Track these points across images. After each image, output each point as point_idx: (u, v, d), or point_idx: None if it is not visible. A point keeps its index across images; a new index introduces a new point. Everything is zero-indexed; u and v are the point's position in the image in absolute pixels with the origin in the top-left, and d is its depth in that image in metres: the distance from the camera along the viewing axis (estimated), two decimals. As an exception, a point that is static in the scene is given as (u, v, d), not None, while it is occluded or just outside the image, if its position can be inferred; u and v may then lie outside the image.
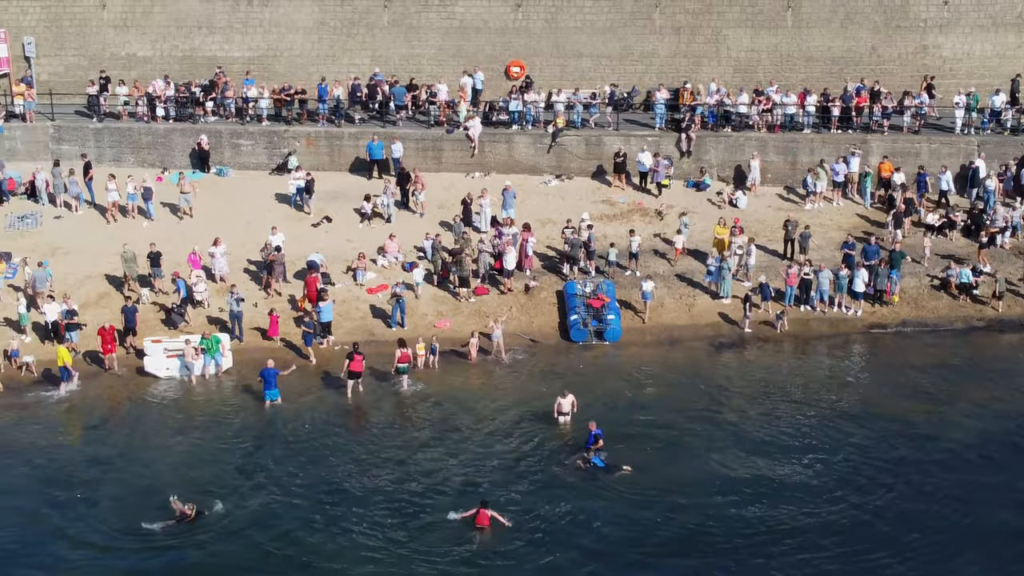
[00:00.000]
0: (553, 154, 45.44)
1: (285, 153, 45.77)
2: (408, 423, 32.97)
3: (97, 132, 46.14)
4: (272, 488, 29.71)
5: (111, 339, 34.98)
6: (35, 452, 31.51)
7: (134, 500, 29.35)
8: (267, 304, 38.05)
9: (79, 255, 40.15)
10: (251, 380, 35.20)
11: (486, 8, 47.53)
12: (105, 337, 34.87)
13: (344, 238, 41.56)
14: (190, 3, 47.82)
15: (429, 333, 36.91)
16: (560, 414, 32.11)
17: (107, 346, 34.93)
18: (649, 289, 37.30)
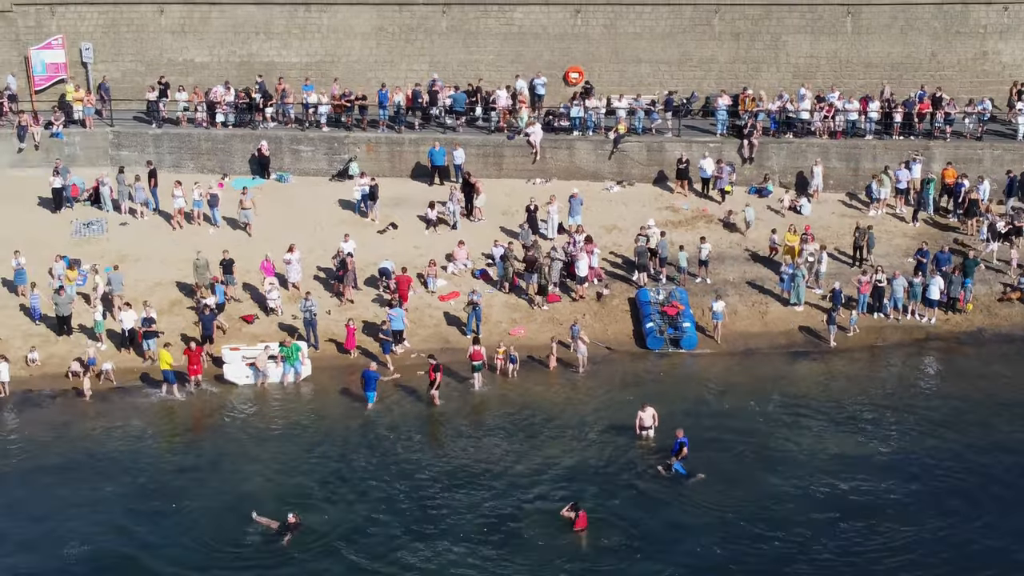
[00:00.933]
0: (614, 160, 45.36)
1: (345, 159, 45.69)
2: (491, 433, 32.86)
3: (156, 138, 46.05)
4: (361, 501, 29.69)
5: (197, 360, 34.39)
6: (124, 461, 31.48)
7: (225, 510, 29.35)
8: (340, 312, 37.99)
9: (147, 262, 40.04)
10: (330, 388, 35.26)
11: (545, 14, 47.44)
12: (192, 357, 34.31)
13: (411, 245, 41.45)
14: (248, 9, 47.71)
15: (504, 341, 36.83)
16: (642, 428, 31.97)
17: (193, 366, 34.33)
18: (720, 309, 36.98)
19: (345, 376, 35.75)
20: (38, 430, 33.05)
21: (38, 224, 42.34)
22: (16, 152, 45.77)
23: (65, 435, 32.83)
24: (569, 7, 47.32)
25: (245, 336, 37.07)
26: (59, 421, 33.51)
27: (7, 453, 31.86)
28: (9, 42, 47.66)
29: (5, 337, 36.56)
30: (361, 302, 38.68)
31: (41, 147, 45.81)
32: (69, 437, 32.73)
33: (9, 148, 45.80)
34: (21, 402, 34.44)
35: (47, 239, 40.73)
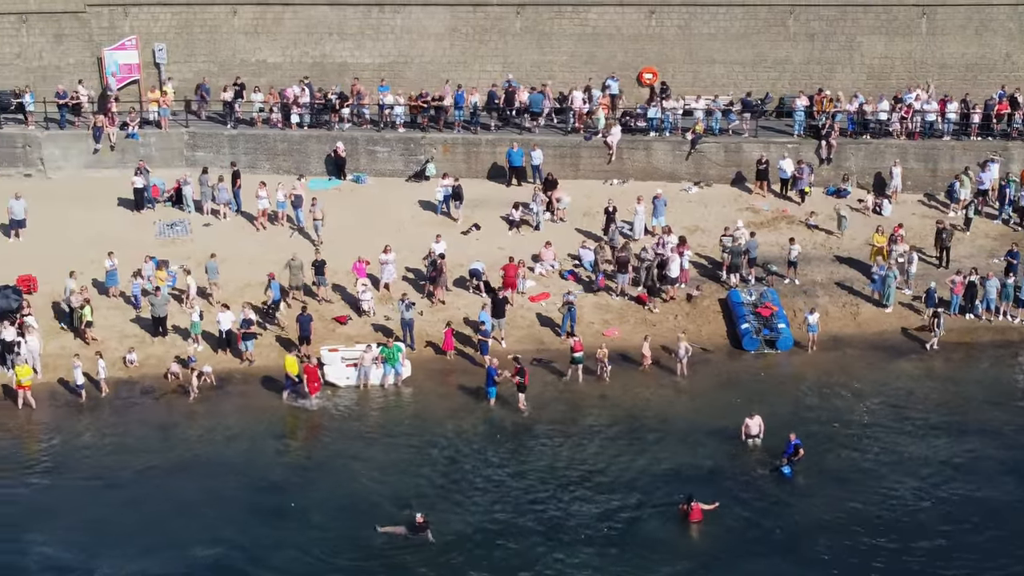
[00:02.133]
0: (692, 161, 45.33)
1: (422, 160, 45.65)
2: (597, 435, 32.84)
3: (232, 139, 46.01)
4: (476, 504, 29.70)
5: (316, 376, 33.91)
6: (234, 462, 31.46)
7: (342, 511, 29.33)
8: (432, 312, 37.96)
9: (235, 263, 39.90)
10: (430, 390, 35.24)
11: (619, 15, 47.40)
12: (311, 375, 33.84)
13: (495, 246, 41.36)
14: (321, 10, 47.66)
15: (598, 341, 36.79)
16: (748, 436, 31.89)
17: (313, 384, 33.87)
18: (815, 321, 36.82)
19: (443, 377, 35.76)
20: (144, 431, 33.02)
21: (120, 225, 42.29)
22: (92, 153, 45.71)
23: (172, 436, 32.80)
24: (643, 8, 47.28)
25: (339, 337, 37.01)
26: (164, 422, 33.46)
27: (117, 454, 31.80)
28: (83, 43, 47.58)
29: (101, 338, 36.45)
30: (452, 303, 38.62)
31: (116, 148, 45.75)
32: (176, 438, 32.71)
33: (85, 149, 45.76)
34: (123, 402, 34.38)
35: (131, 240, 40.64)
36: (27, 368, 34.12)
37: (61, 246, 40.49)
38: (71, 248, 40.33)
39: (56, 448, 32.17)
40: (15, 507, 29.48)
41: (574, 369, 35.29)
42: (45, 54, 47.59)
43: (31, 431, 33.04)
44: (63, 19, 47.48)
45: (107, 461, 31.52)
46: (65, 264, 39.17)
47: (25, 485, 30.42)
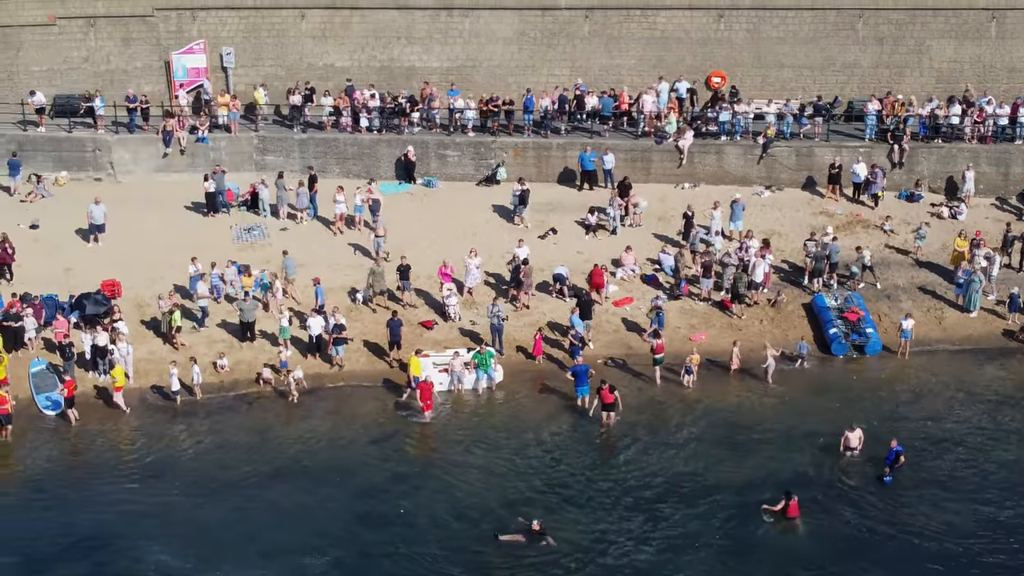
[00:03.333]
0: (763, 165, 45.26)
1: (492, 164, 45.61)
2: (694, 440, 32.78)
3: (302, 143, 45.96)
4: (581, 509, 29.68)
5: (429, 395, 33.22)
6: (336, 467, 31.41)
7: (450, 518, 29.27)
8: (517, 317, 37.91)
9: (315, 268, 39.78)
10: (522, 394, 35.21)
11: (688, 18, 47.36)
12: (425, 392, 33.18)
13: (573, 250, 41.32)
14: (390, 14, 47.61)
15: (686, 346, 36.76)
16: (847, 448, 31.73)
17: (427, 402, 33.20)
18: (909, 328, 36.61)
19: (534, 382, 35.69)
20: (242, 436, 32.95)
21: (195, 229, 42.22)
22: (161, 157, 45.67)
23: (270, 441, 32.74)
24: (712, 12, 47.23)
25: (426, 342, 36.93)
26: (260, 427, 33.42)
27: (218, 460, 31.75)
28: (150, 47, 47.57)
29: (189, 343, 36.40)
30: (537, 308, 38.55)
31: (186, 152, 45.71)
32: (274, 443, 32.65)
33: (155, 153, 45.72)
34: (218, 408, 34.33)
35: (208, 244, 40.48)
36: (120, 369, 34.07)
37: (139, 251, 40.50)
38: (149, 252, 40.39)
39: (157, 455, 32.09)
40: (125, 514, 29.41)
41: (654, 371, 35.29)
42: (113, 58, 47.58)
43: (131, 438, 32.99)
44: (131, 23, 47.47)
45: (209, 467, 31.46)
46: (145, 269, 39.36)
47: (131, 492, 30.39)
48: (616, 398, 32.66)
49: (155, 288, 38.44)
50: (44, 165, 45.61)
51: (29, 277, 38.67)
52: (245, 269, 38.67)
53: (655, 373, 35.41)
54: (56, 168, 45.59)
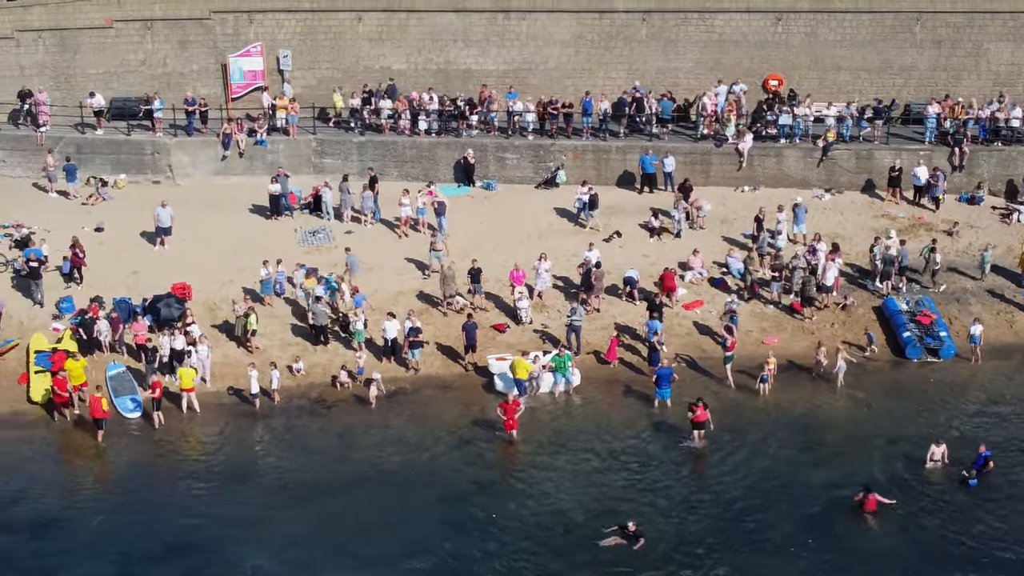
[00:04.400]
0: (823, 168, 45.25)
1: (551, 167, 45.58)
2: (769, 440, 32.77)
3: (360, 146, 45.94)
4: (668, 513, 29.62)
5: (514, 414, 32.29)
6: (419, 472, 31.35)
7: (542, 521, 29.22)
8: (588, 320, 37.86)
9: (382, 271, 39.86)
10: (600, 398, 35.14)
11: (746, 21, 47.33)
12: (508, 411, 32.37)
13: (639, 253, 41.28)
14: (447, 16, 47.58)
15: (759, 350, 36.77)
16: (931, 460, 31.54)
17: (509, 421, 32.30)
18: (978, 333, 36.53)
19: (610, 386, 35.65)
20: (324, 441, 32.90)
21: (260, 232, 42.20)
22: (220, 160, 45.66)
23: (352, 445, 32.66)
24: (770, 15, 47.21)
25: (500, 345, 36.91)
26: (341, 431, 33.34)
27: (302, 465, 31.66)
28: (207, 49, 47.54)
29: (263, 347, 36.38)
30: (607, 311, 38.53)
31: (245, 155, 45.70)
32: (357, 447, 32.56)
33: (213, 156, 45.72)
34: (297, 412, 34.29)
35: (274, 247, 40.18)
36: (191, 371, 34.04)
37: (206, 253, 40.49)
38: (216, 255, 40.38)
39: (240, 459, 32.06)
40: (214, 518, 29.33)
41: (725, 370, 35.28)
42: (169, 60, 47.55)
43: (213, 441, 32.97)
44: (188, 26, 47.44)
45: (293, 472, 31.37)
46: (213, 272, 39.33)
47: (218, 496, 30.32)
48: (708, 417, 32.25)
49: (225, 291, 38.45)
50: (102, 168, 45.60)
51: (97, 280, 38.67)
52: (313, 272, 38.60)
53: (726, 372, 35.35)
54: (114, 171, 45.59)
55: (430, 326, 37.42)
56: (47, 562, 27.81)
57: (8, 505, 30.00)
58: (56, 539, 28.66)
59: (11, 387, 34.65)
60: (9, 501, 30.14)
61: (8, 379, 34.86)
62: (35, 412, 33.95)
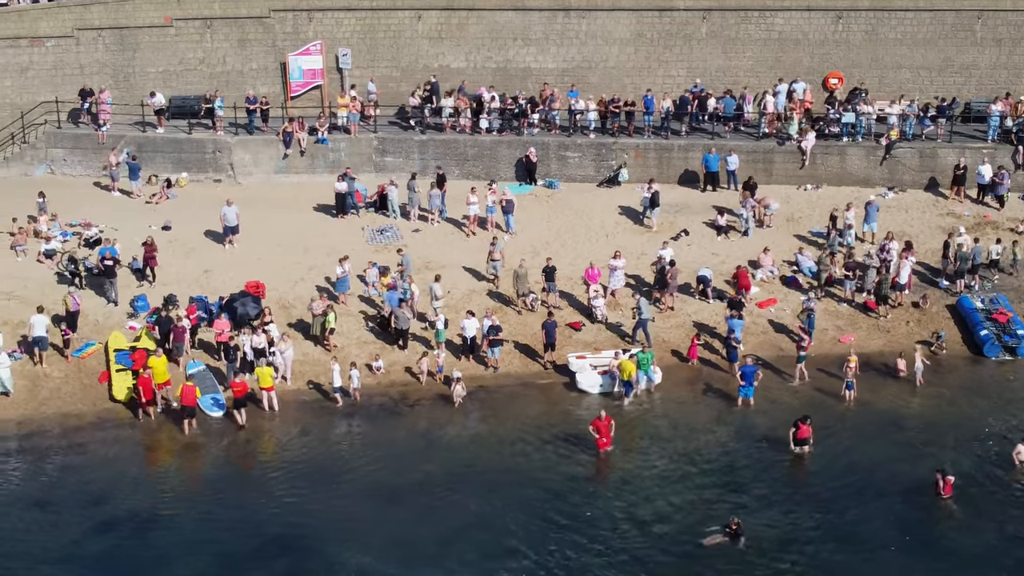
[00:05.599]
0: (885, 166, 45.18)
1: (613, 165, 45.54)
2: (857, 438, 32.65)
3: (422, 144, 45.90)
4: (763, 509, 29.45)
5: (607, 431, 31.55)
6: (514, 470, 31.20)
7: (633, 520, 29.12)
8: (664, 319, 37.84)
9: (452, 269, 39.77)
10: (683, 396, 35.01)
11: (806, 20, 47.29)
12: (602, 429, 31.59)
13: (708, 252, 41.23)
14: (507, 15, 47.55)
15: (836, 348, 36.71)
16: (1020, 460, 31.49)
17: (603, 439, 31.49)
18: None
19: (691, 384, 35.57)
20: (410, 439, 32.71)
21: (327, 230, 42.18)
22: (281, 158, 45.62)
23: (439, 444, 32.50)
24: (830, 13, 47.17)
25: (576, 344, 36.83)
26: (426, 430, 33.20)
27: (391, 464, 31.46)
28: (266, 48, 47.54)
29: (340, 344, 36.32)
30: (681, 309, 38.46)
31: (306, 153, 45.65)
32: (444, 446, 32.38)
33: (275, 154, 45.69)
34: (380, 411, 34.19)
35: (342, 245, 40.30)
36: (269, 369, 33.97)
37: (275, 252, 40.50)
38: (286, 254, 40.40)
39: (327, 457, 31.93)
40: (307, 515, 29.12)
41: (799, 368, 35.19)
42: (229, 59, 47.54)
43: (297, 439, 32.82)
44: (247, 24, 47.43)
45: (381, 471, 31.17)
46: (284, 270, 39.32)
47: (308, 493, 30.10)
48: (811, 432, 31.73)
49: (297, 290, 38.42)
50: (163, 167, 45.60)
51: (169, 279, 38.65)
52: (385, 271, 38.56)
53: (799, 370, 35.23)
54: (175, 170, 45.59)
55: (505, 325, 37.24)
56: (147, 560, 27.68)
57: (100, 503, 29.84)
58: (154, 537, 28.54)
59: (92, 386, 34.57)
60: (100, 499, 29.99)
61: (89, 378, 34.77)
62: (118, 410, 33.82)
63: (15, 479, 30.84)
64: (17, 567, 27.38)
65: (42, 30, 46.31)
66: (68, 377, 34.78)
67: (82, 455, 31.89)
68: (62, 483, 30.64)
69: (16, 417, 33.32)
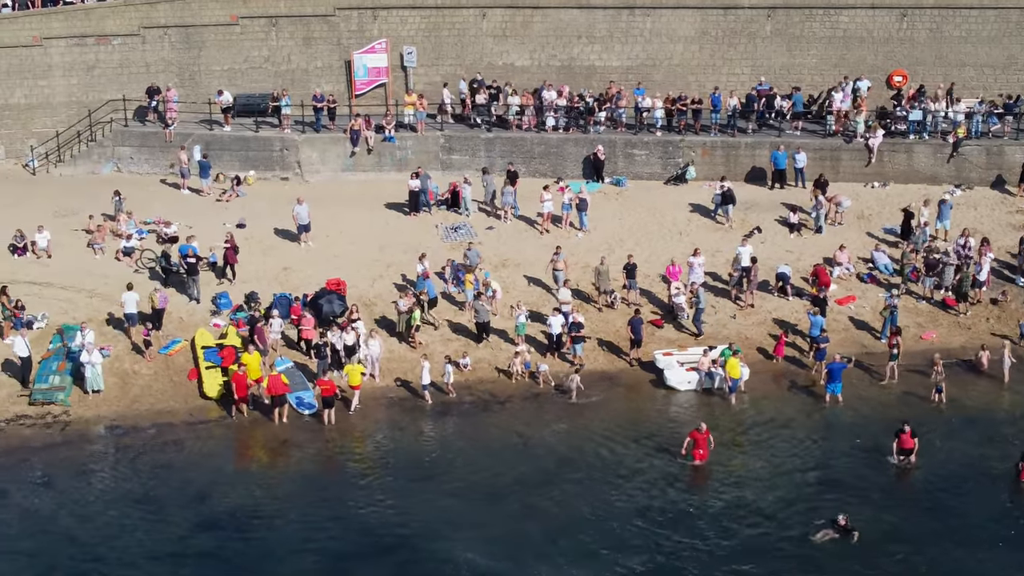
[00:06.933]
0: (952, 164, 45.22)
1: (679, 163, 45.59)
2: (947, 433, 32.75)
3: (488, 142, 45.96)
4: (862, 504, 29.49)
5: (705, 444, 31.04)
6: (612, 468, 31.22)
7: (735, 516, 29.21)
8: (744, 316, 37.92)
9: (529, 267, 39.82)
10: (770, 393, 35.00)
11: (871, 18, 47.35)
12: (700, 441, 31.06)
13: (782, 249, 41.28)
14: (571, 13, 47.62)
15: (918, 345, 36.78)
16: None
17: (701, 451, 30.99)
18: None
19: (776, 381, 35.61)
20: (504, 436, 32.76)
21: (401, 228, 42.23)
22: (349, 156, 45.68)
23: (533, 441, 32.51)
24: (895, 11, 47.23)
25: (659, 341, 36.89)
26: (518, 426, 33.22)
27: (488, 460, 31.51)
28: (331, 46, 47.61)
29: (425, 342, 36.38)
30: (761, 306, 38.52)
31: (373, 151, 45.71)
32: (538, 443, 32.39)
33: (342, 152, 45.75)
34: (470, 407, 34.25)
35: (417, 243, 40.45)
36: (359, 367, 34.03)
37: (351, 249, 40.63)
38: (362, 251, 40.51)
39: (424, 455, 31.93)
40: (409, 514, 29.13)
41: (891, 367, 35.24)
42: (294, 57, 47.62)
43: (390, 436, 32.91)
44: (312, 22, 47.51)
45: (480, 468, 31.11)
46: (362, 267, 39.44)
47: (408, 492, 30.09)
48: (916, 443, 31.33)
49: (377, 287, 38.50)
50: (230, 165, 45.67)
51: (249, 276, 38.73)
52: (465, 268, 38.61)
53: (890, 370, 35.28)
54: (242, 167, 45.64)
55: (587, 322, 37.36)
56: (253, 558, 27.74)
57: (199, 501, 29.89)
58: (257, 535, 28.58)
59: (182, 383, 34.63)
60: (201, 497, 30.07)
61: (178, 375, 34.83)
62: (209, 407, 33.90)
63: (116, 476, 30.91)
64: (124, 564, 27.45)
65: (108, 28, 46.38)
66: (157, 374, 34.84)
67: (179, 452, 31.96)
68: (161, 480, 30.70)
69: (110, 415, 33.38)
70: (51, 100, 46.28)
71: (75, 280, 38.24)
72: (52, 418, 33.11)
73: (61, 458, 31.58)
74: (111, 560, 27.44)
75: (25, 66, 45.89)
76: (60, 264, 39.12)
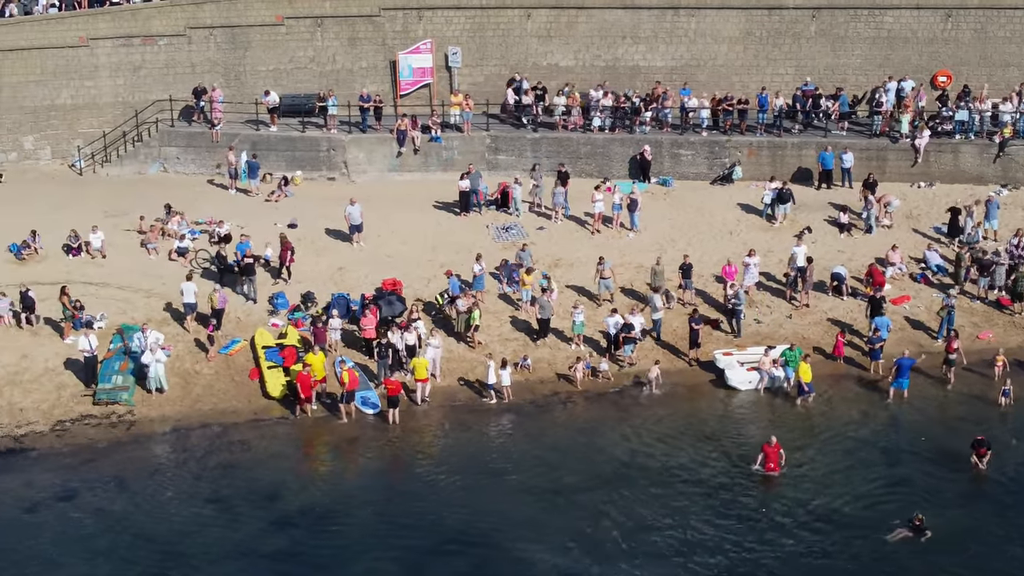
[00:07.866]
0: (999, 164, 45.28)
1: (725, 163, 45.64)
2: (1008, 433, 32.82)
3: (534, 142, 46.00)
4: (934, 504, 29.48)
5: (777, 457, 30.63)
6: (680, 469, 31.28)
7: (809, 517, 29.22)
8: (800, 316, 37.97)
9: (581, 267, 39.86)
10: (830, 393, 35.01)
11: (915, 18, 47.41)
12: (771, 454, 30.59)
13: (834, 249, 41.33)
14: (616, 13, 47.68)
15: (974, 345, 36.83)
16: None
17: (771, 464, 30.56)
18: None
19: (835, 380, 35.63)
20: (569, 436, 32.81)
21: (452, 228, 42.29)
22: (395, 156, 45.73)
23: (598, 442, 32.45)
24: (940, 11, 47.29)
25: (716, 341, 36.94)
26: (583, 427, 33.29)
27: (555, 460, 31.52)
28: (376, 46, 47.67)
29: (483, 341, 36.43)
30: (816, 306, 38.57)
31: (420, 151, 45.77)
32: (603, 444, 32.33)
33: (388, 153, 45.81)
34: (532, 407, 34.31)
35: (469, 243, 40.60)
36: (425, 361, 34.05)
37: (403, 250, 40.69)
38: (415, 251, 40.58)
39: (492, 454, 32.05)
40: (480, 512, 29.17)
41: (946, 370, 35.24)
42: (339, 57, 47.66)
43: (455, 435, 32.95)
44: (357, 23, 47.56)
45: (547, 470, 31.11)
46: (415, 268, 39.51)
47: (476, 490, 30.20)
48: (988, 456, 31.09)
49: (432, 287, 38.51)
50: (277, 165, 45.71)
51: (303, 276, 38.81)
52: (520, 268, 38.64)
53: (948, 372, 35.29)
54: (289, 168, 45.67)
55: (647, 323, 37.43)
56: (327, 556, 27.78)
57: (271, 500, 29.95)
58: (330, 534, 28.62)
59: (244, 383, 34.69)
60: (272, 496, 30.12)
61: (239, 375, 34.89)
62: (272, 407, 33.96)
63: (185, 476, 30.96)
64: (199, 563, 27.50)
65: (154, 28, 46.42)
66: (219, 374, 34.90)
67: (246, 452, 32.02)
68: (230, 480, 30.76)
69: (174, 415, 33.44)
70: (97, 100, 46.29)
71: (131, 280, 38.29)
72: (117, 418, 33.18)
73: (128, 458, 31.66)
74: (191, 558, 27.49)
75: (71, 66, 45.92)
76: (115, 264, 39.17)
